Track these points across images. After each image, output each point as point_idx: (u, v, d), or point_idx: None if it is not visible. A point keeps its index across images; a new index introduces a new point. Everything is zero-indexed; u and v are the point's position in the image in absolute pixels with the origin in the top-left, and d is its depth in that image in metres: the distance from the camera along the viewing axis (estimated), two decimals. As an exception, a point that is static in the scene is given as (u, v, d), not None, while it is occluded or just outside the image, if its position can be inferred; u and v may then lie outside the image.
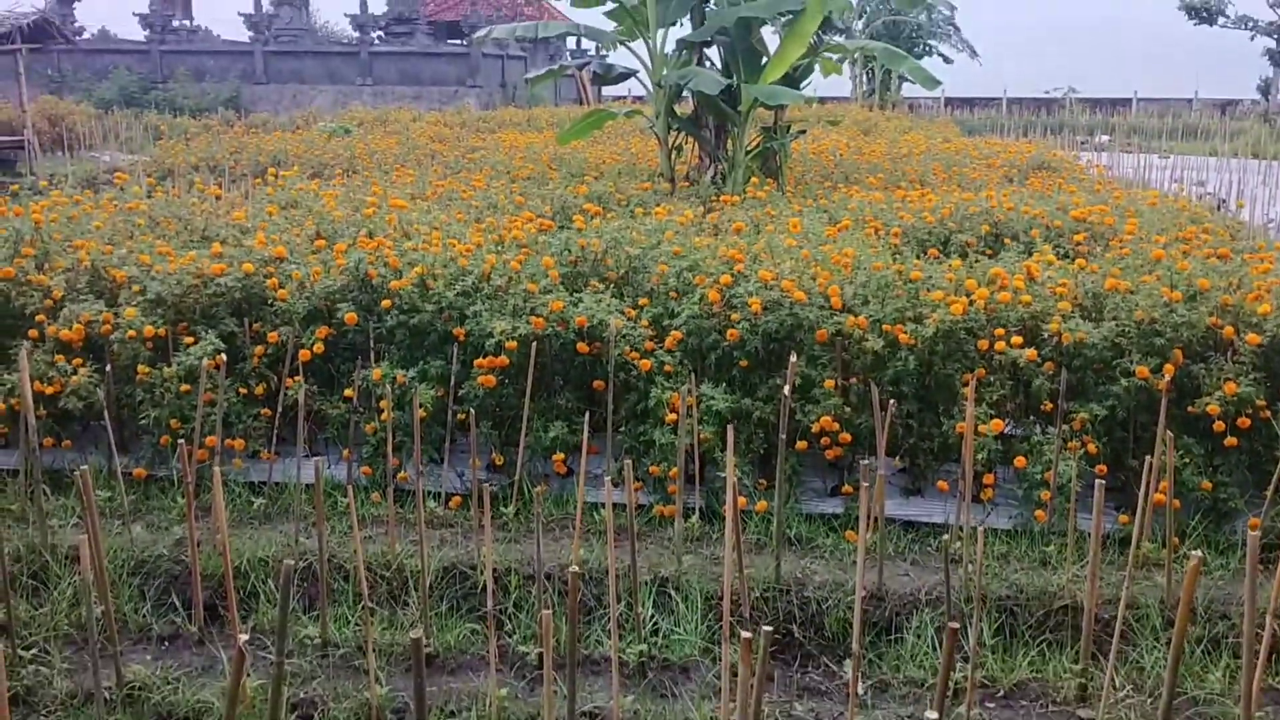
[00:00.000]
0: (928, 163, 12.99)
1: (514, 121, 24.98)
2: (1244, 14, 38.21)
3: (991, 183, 11.41)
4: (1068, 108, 42.77)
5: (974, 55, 42.54)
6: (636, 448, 5.69)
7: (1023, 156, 14.15)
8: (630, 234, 6.96)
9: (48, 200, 8.01)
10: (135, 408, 5.88)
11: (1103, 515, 4.11)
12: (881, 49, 11.97)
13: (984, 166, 12.93)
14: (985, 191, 9.64)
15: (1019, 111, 41.80)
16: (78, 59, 36.11)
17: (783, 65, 10.97)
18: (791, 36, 10.93)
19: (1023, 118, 38.47)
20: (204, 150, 16.85)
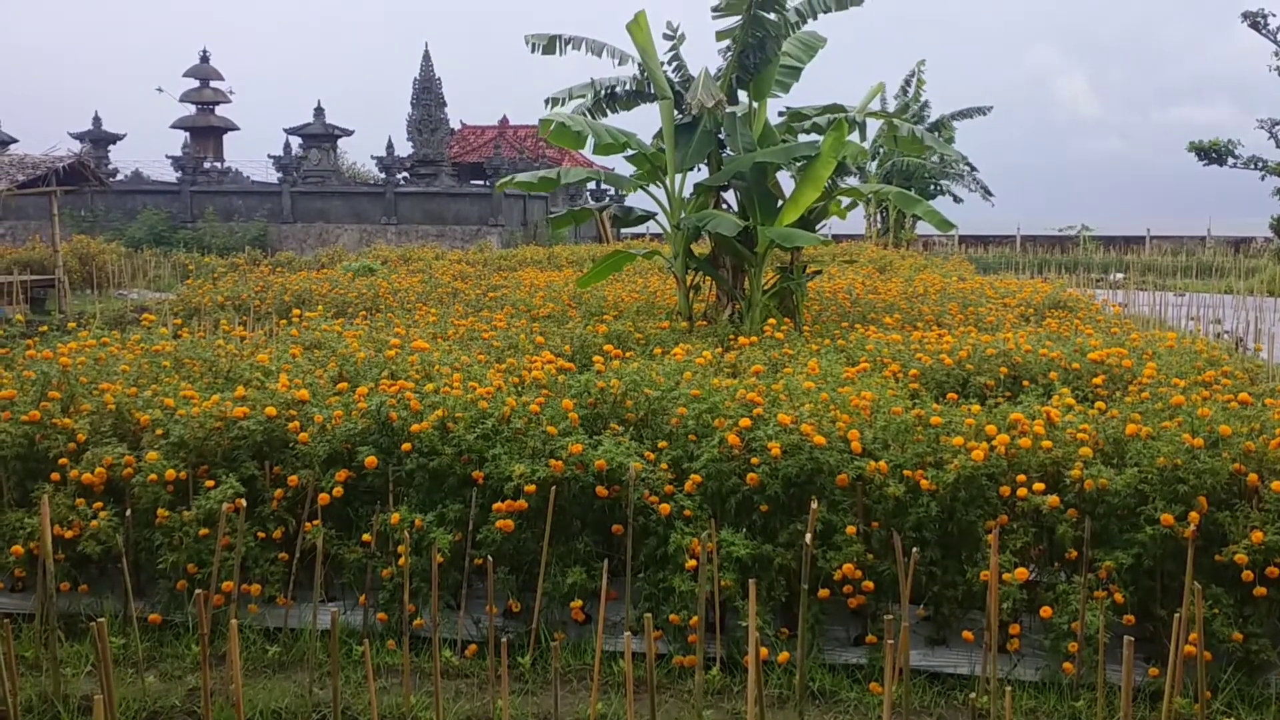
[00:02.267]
0: (944, 302, 13.11)
1: (535, 259, 25.42)
2: (1253, 154, 38.80)
3: (1008, 323, 11.49)
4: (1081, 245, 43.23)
5: (988, 196, 43.21)
6: (656, 594, 5.62)
7: (1038, 295, 14.25)
8: (649, 375, 7.00)
9: (75, 341, 8.15)
10: (153, 551, 5.87)
11: (1132, 669, 4.02)
12: (896, 193, 12.20)
13: (1000, 306, 13.03)
14: (1002, 332, 9.69)
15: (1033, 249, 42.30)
16: (110, 199, 37.09)
17: (798, 209, 11.18)
18: (807, 181, 11.17)
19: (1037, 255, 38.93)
20: (230, 289, 17.16)
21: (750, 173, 11.50)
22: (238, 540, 5.54)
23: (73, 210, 35.90)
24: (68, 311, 19.84)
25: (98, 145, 42.15)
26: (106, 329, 10.29)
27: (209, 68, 46.52)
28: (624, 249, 13.95)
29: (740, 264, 12.04)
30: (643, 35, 12.07)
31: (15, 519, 5.98)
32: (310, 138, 41.31)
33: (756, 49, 11.75)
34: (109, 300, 22.51)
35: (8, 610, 5.86)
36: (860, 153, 11.85)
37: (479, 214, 38.22)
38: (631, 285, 15.90)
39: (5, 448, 6.15)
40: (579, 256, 26.13)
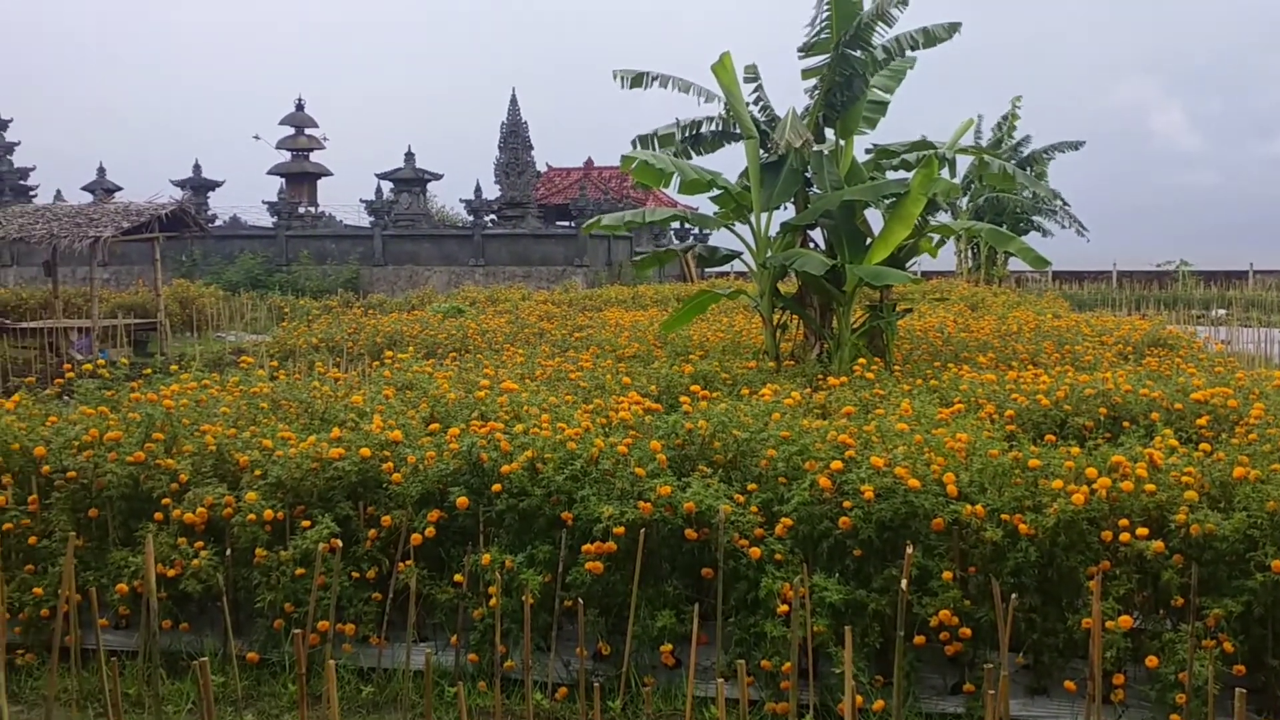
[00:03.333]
0: (1038, 340, 12.85)
1: (619, 299, 25.56)
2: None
3: (1106, 362, 11.22)
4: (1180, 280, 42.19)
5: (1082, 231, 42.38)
6: (746, 639, 5.56)
7: (1137, 333, 13.91)
8: (737, 416, 6.96)
9: (177, 384, 8.37)
10: (251, 590, 5.97)
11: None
12: (987, 230, 12.05)
13: (1097, 344, 12.73)
14: (1100, 372, 9.46)
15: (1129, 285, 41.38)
16: (209, 244, 38.23)
17: (888, 247, 11.09)
18: (896, 219, 11.08)
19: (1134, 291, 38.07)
20: (324, 331, 17.53)
21: (838, 211, 11.45)
22: (333, 580, 5.62)
23: (174, 255, 37.09)
24: (169, 354, 20.44)
25: (198, 192, 43.56)
26: (206, 371, 10.56)
27: (304, 115, 47.85)
28: (709, 288, 13.97)
29: (828, 303, 11.96)
30: (727, 76, 12.13)
31: (120, 558, 6.14)
32: (401, 182, 42.21)
33: (844, 87, 11.73)
34: (208, 342, 23.15)
35: (112, 648, 6.00)
36: (951, 189, 11.73)
37: (564, 254, 38.62)
38: (716, 324, 15.88)
39: (111, 488, 6.33)
40: (663, 295, 26.20)
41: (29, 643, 6.08)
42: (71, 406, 8.00)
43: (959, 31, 11.93)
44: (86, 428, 6.83)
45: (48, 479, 6.53)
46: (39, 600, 6.08)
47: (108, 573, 6.13)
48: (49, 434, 6.88)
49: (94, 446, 6.60)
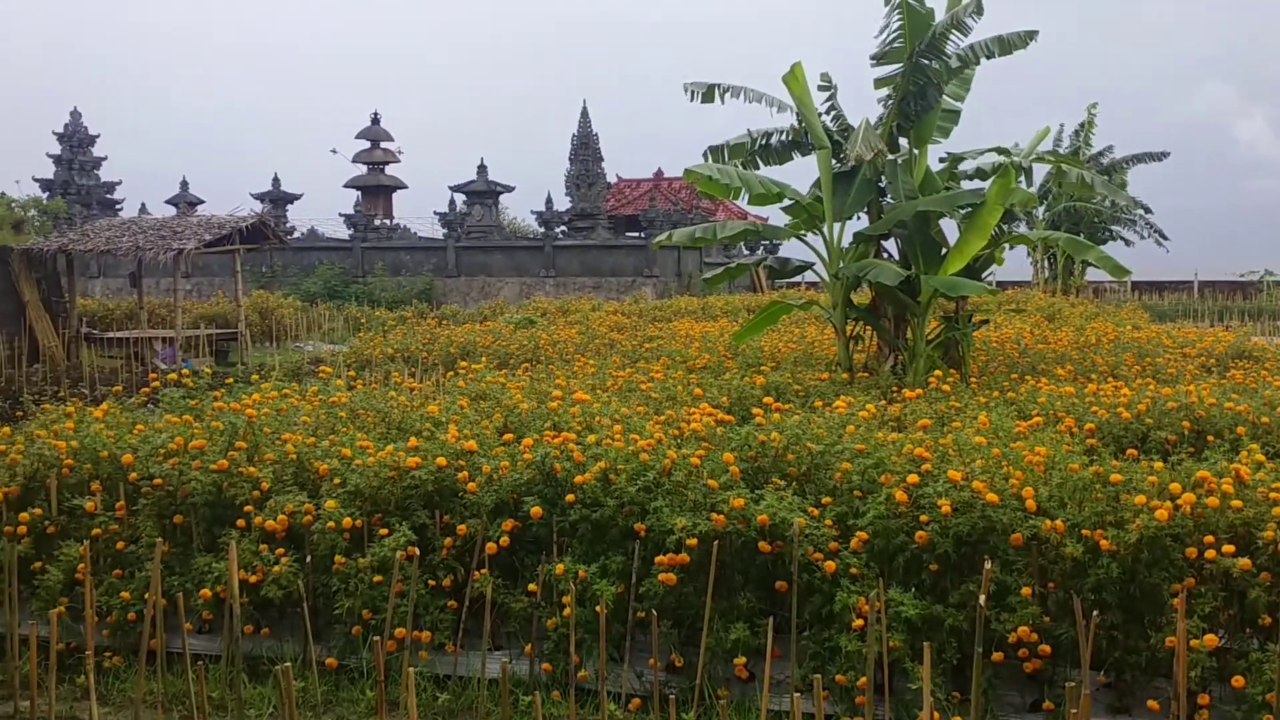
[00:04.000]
0: (1118, 352, 12.62)
1: (689, 310, 25.57)
2: None
3: (1188, 374, 10.97)
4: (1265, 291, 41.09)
5: (1162, 241, 41.44)
6: (821, 653, 5.52)
7: (1220, 345, 13.59)
8: (811, 429, 6.93)
9: (258, 393, 8.55)
10: (330, 597, 6.07)
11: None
12: (1066, 239, 11.87)
13: (1179, 356, 12.46)
14: (1183, 385, 9.26)
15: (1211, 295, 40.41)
16: (288, 256, 39.00)
17: (963, 257, 10.97)
18: (972, 229, 10.96)
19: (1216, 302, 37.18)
20: (399, 342, 17.78)
21: (912, 221, 11.35)
22: (410, 588, 5.69)
23: (253, 266, 37.88)
24: (249, 363, 20.86)
25: (277, 205, 44.48)
26: (286, 381, 10.78)
27: (379, 129, 48.63)
28: (780, 299, 13.91)
29: (902, 313, 11.86)
30: (799, 86, 12.10)
31: (204, 563, 6.28)
32: (473, 194, 42.70)
33: (917, 96, 11.63)
34: (286, 352, 23.60)
35: (196, 651, 6.12)
36: (1029, 199, 11.58)
37: (634, 265, 38.74)
38: (788, 335, 15.82)
39: (196, 495, 6.48)
40: (733, 306, 26.17)
41: (116, 645, 6.24)
42: (157, 415, 8.22)
43: (1035, 39, 11.77)
44: (172, 436, 7.01)
45: (135, 486, 6.70)
46: (126, 604, 6.24)
47: (192, 578, 6.27)
48: (136, 442, 7.07)
49: (179, 454, 6.77)
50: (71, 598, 6.30)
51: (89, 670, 4.58)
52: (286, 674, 3.74)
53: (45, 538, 6.64)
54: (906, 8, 11.54)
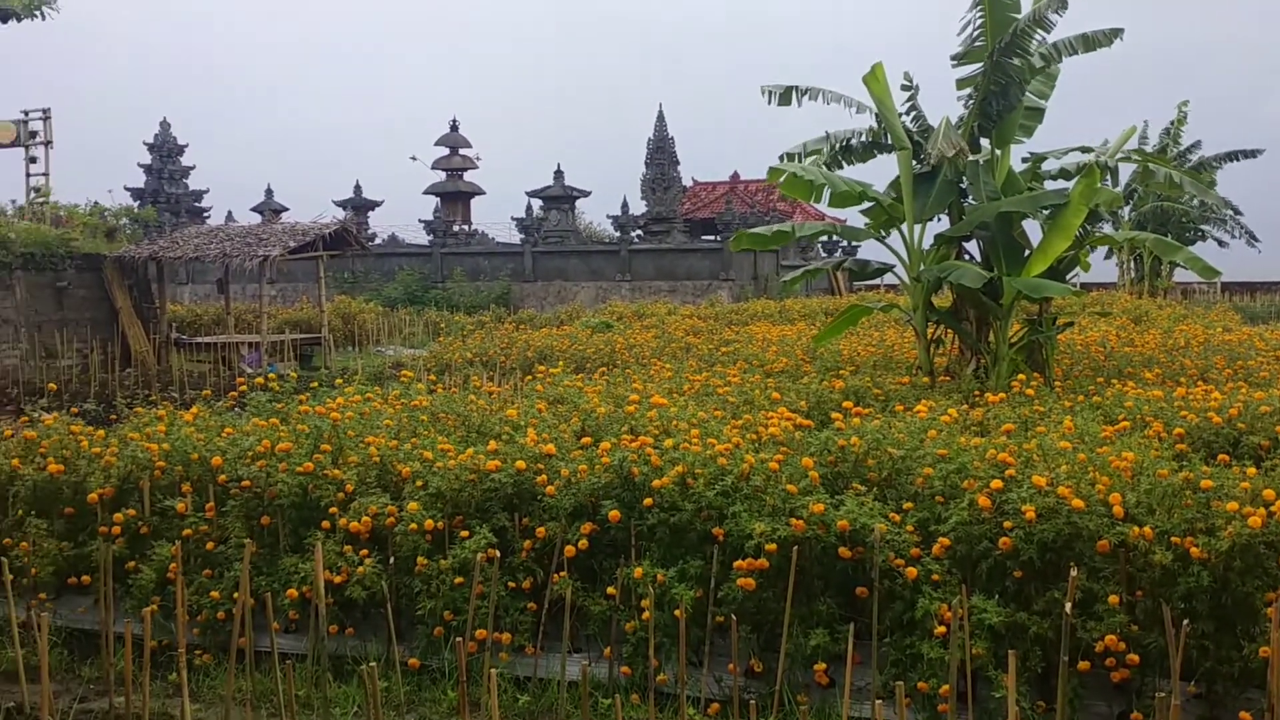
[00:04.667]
0: (1208, 355, 12.29)
1: (766, 313, 25.43)
2: None
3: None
4: (1362, 292, 39.68)
5: (1253, 241, 40.17)
6: (902, 660, 5.46)
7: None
8: (891, 433, 6.86)
9: (342, 397, 8.71)
10: (412, 598, 6.16)
11: None
12: (1153, 240, 11.60)
13: (1272, 359, 12.09)
14: (1276, 388, 8.99)
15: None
16: (369, 262, 39.62)
17: (1047, 259, 10.78)
18: (1056, 230, 10.76)
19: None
20: (478, 346, 17.97)
21: (994, 222, 11.18)
22: (491, 589, 5.75)
23: (336, 272, 38.52)
24: (332, 367, 21.24)
25: (358, 211, 45.23)
26: (368, 384, 10.96)
27: (458, 136, 49.19)
28: (859, 302, 13.80)
29: (985, 316, 11.68)
30: (879, 87, 11.99)
31: (290, 564, 6.41)
32: (550, 199, 42.99)
33: (999, 96, 11.46)
34: (368, 356, 23.97)
35: (282, 650, 6.25)
36: (1114, 199, 11.34)
37: (710, 269, 38.66)
38: (867, 339, 15.67)
39: (282, 496, 6.62)
40: (811, 309, 25.97)
41: (206, 643, 6.39)
42: (245, 418, 8.41)
43: (1120, 37, 11.51)
44: (259, 439, 7.17)
45: (224, 487, 6.87)
46: (215, 603, 6.40)
47: (279, 578, 6.39)
48: (225, 445, 7.25)
49: (266, 457, 6.92)
50: (163, 596, 6.47)
51: (181, 668, 4.69)
52: (371, 674, 3.80)
53: (139, 538, 6.83)
54: (989, 4, 11.38)
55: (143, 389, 17.10)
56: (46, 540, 6.91)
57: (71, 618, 6.85)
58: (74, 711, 5.59)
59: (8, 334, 21.25)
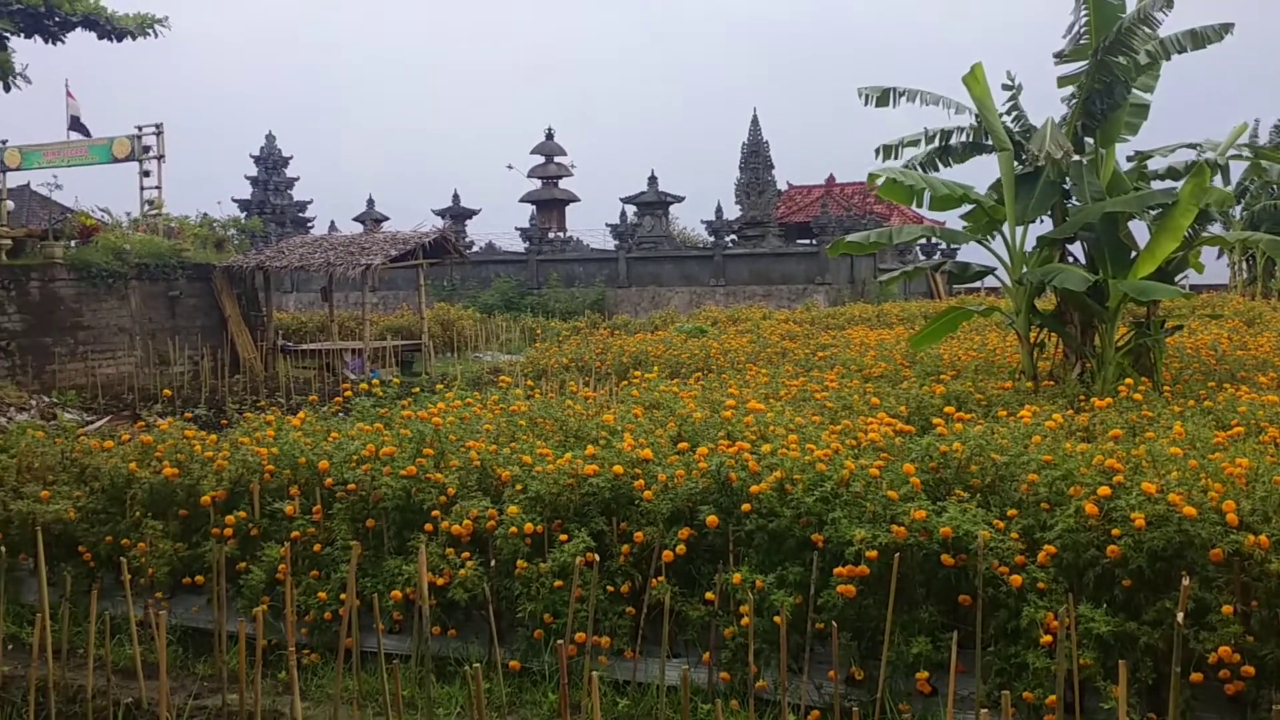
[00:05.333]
0: (1327, 358, 11.83)
1: (863, 317, 25.19)
2: None
3: None
4: None
5: (1376, 239, 38.46)
6: (1007, 669, 5.36)
7: None
8: (995, 439, 6.75)
9: (443, 402, 8.86)
10: (513, 601, 6.23)
11: None
12: (1268, 240, 11.20)
13: (1397, 361, 11.60)
14: (1403, 392, 8.62)
15: None
16: (466, 269, 40.20)
17: (1154, 260, 10.50)
18: (1164, 230, 10.47)
19: None
20: (573, 351, 18.11)
21: (1099, 223, 10.92)
22: (590, 593, 5.79)
23: (434, 280, 39.18)
24: (432, 373, 21.61)
25: (456, 220, 45.95)
26: (467, 390, 11.12)
27: (553, 144, 49.67)
28: (958, 305, 13.58)
29: (1090, 320, 11.41)
30: (979, 87, 11.80)
31: (394, 566, 6.54)
32: (644, 205, 43.13)
33: (1103, 94, 11.20)
34: (466, 362, 24.33)
35: (387, 651, 6.39)
36: (1225, 198, 10.98)
37: (805, 273, 38.40)
38: (968, 343, 15.41)
39: (387, 500, 6.76)
40: (909, 313, 25.64)
41: (314, 643, 6.55)
42: (349, 423, 8.61)
43: (1230, 32, 11.15)
44: (364, 443, 7.33)
45: (330, 490, 7.04)
46: (322, 604, 6.56)
47: (383, 579, 6.53)
48: (331, 449, 7.43)
49: (371, 461, 7.08)
50: (272, 596, 6.65)
51: (291, 667, 4.82)
52: (476, 675, 3.87)
53: (249, 539, 7.03)
54: (1094, 3, 11.13)
55: (251, 394, 17.61)
56: (162, 541, 7.16)
57: (186, 616, 7.09)
58: (189, 708, 5.77)
59: (123, 341, 22.05)
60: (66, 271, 21.15)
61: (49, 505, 7.48)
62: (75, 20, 20.49)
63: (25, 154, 27.85)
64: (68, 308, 21.01)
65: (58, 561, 7.45)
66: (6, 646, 6.44)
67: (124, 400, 18.52)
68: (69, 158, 27.67)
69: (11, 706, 5.79)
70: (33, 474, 8.17)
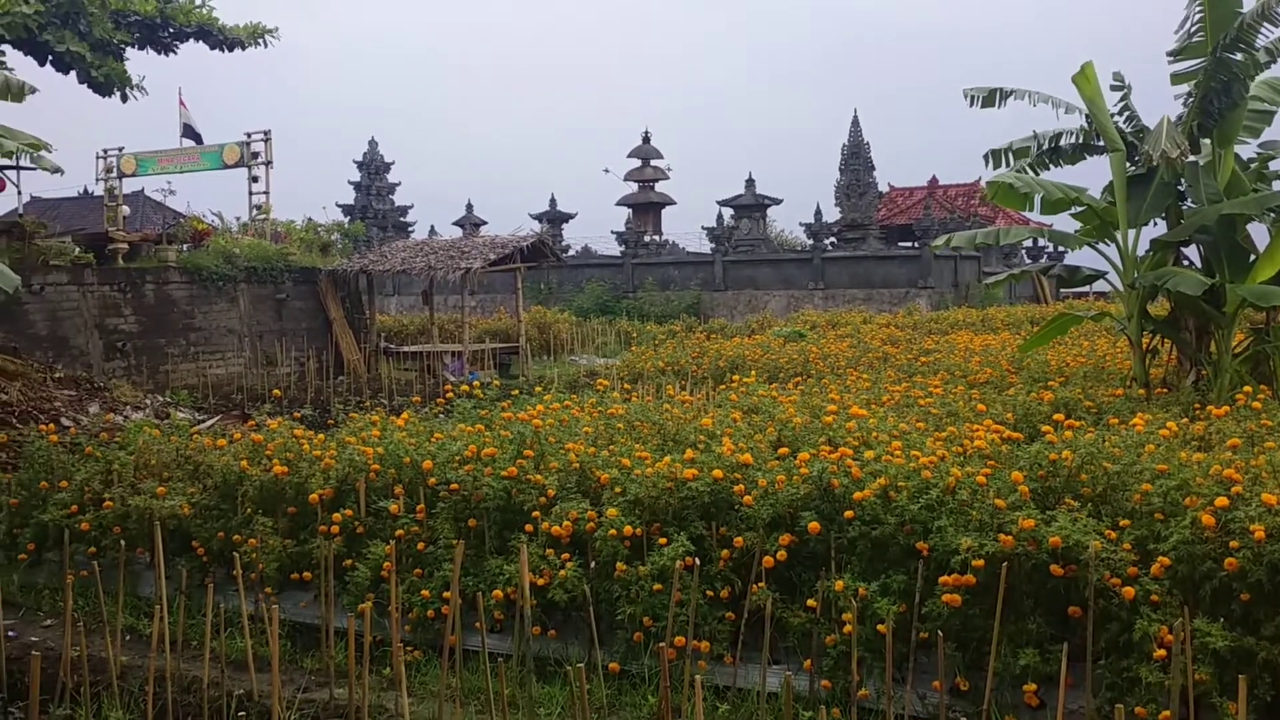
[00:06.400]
0: None
1: (967, 322, 24.75)
2: None
3: None
4: None
5: None
6: (1118, 683, 5.21)
7: None
8: (1106, 447, 6.57)
9: (541, 404, 8.94)
10: (612, 603, 6.25)
11: None
12: (1397, 242, 10.70)
13: None
14: None
15: None
16: (563, 273, 40.52)
17: (1275, 264, 10.13)
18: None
19: None
20: (669, 355, 18.11)
21: (1216, 226, 10.57)
22: (690, 597, 5.78)
23: (531, 283, 39.57)
24: (529, 376, 21.83)
25: (553, 224, 46.38)
26: (565, 392, 11.21)
27: (649, 148, 49.79)
28: (1067, 310, 13.26)
29: (1205, 325, 11.04)
30: (1089, 87, 11.51)
31: (495, 565, 6.61)
32: (741, 208, 42.98)
33: (1221, 93, 10.82)
34: (562, 365, 24.51)
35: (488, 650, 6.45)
36: (1353, 198, 10.53)
37: (907, 276, 37.85)
38: (1076, 349, 15.03)
39: (489, 500, 6.83)
40: (1015, 318, 25.12)
41: (417, 640, 6.65)
42: (450, 424, 8.73)
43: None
44: (466, 444, 7.42)
45: (433, 490, 7.15)
46: (425, 602, 6.65)
47: (484, 579, 6.60)
48: (434, 449, 7.54)
49: (473, 461, 7.16)
50: (377, 593, 6.77)
51: (398, 663, 4.90)
52: (579, 675, 3.88)
53: (355, 537, 7.17)
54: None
55: (354, 395, 17.98)
56: (271, 537, 7.35)
57: (294, 612, 7.25)
58: (298, 701, 5.89)
59: (232, 342, 22.71)
60: (179, 275, 21.86)
61: (165, 501, 7.73)
62: (189, 31, 21.16)
63: (140, 161, 28.86)
64: (180, 310, 21.71)
65: (172, 556, 7.68)
66: (125, 637, 6.65)
67: (233, 400, 19.06)
68: (181, 164, 28.60)
69: (130, 695, 5.98)
70: (149, 471, 8.45)
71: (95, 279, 20.26)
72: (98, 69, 19.30)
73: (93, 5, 18.99)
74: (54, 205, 46.03)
